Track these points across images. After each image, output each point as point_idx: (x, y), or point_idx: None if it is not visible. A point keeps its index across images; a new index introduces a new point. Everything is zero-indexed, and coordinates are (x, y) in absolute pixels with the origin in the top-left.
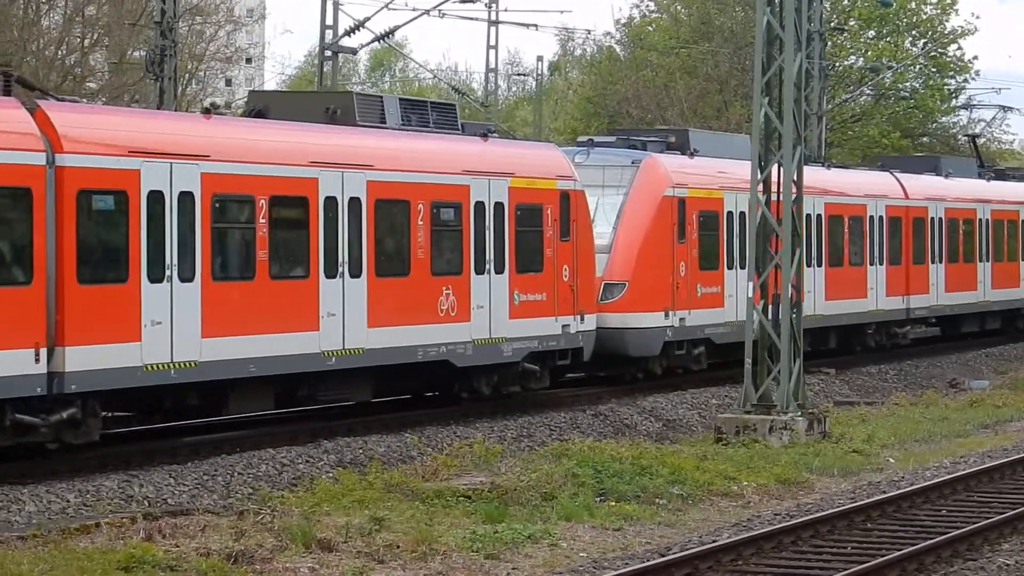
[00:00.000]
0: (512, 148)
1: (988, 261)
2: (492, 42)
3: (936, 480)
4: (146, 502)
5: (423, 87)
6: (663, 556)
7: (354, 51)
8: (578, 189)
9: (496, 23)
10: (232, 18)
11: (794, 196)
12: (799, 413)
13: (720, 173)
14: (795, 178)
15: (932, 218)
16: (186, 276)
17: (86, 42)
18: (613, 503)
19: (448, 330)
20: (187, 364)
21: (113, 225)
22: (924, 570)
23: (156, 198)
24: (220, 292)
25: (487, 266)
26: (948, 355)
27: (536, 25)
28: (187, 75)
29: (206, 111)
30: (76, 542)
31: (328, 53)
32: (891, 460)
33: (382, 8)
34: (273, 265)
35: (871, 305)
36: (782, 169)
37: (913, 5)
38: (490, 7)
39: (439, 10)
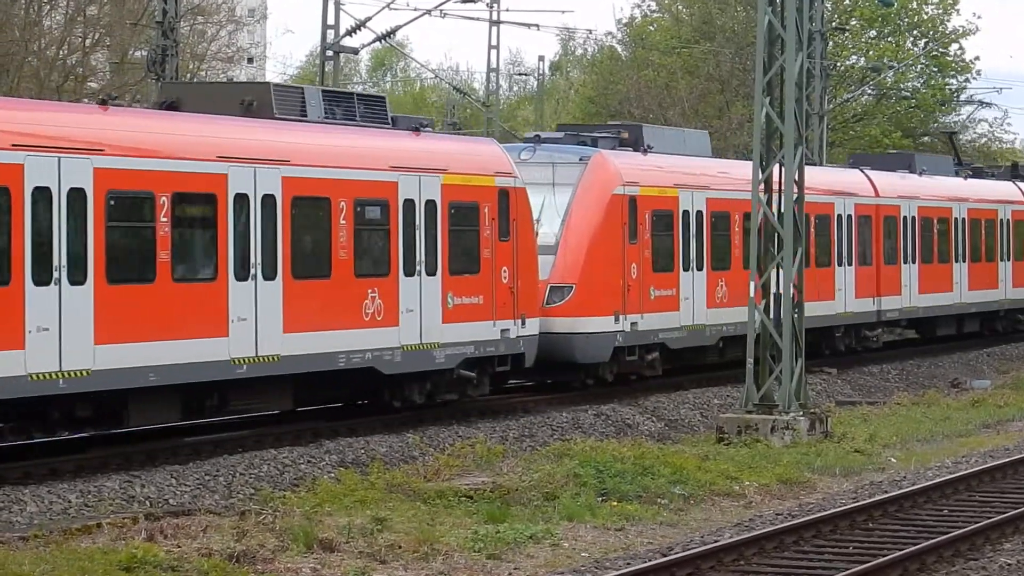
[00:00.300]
0: (446, 143)
1: (964, 262)
2: (494, 42)
3: (938, 480)
4: (148, 502)
5: (424, 87)
6: (665, 556)
7: (355, 51)
8: (519, 187)
9: (498, 23)
10: (234, 18)
11: (796, 196)
12: (801, 413)
13: (675, 170)
14: (796, 178)
15: (904, 217)
16: (77, 279)
17: (87, 42)
18: (615, 503)
19: (374, 335)
20: (78, 373)
21: None
22: (926, 570)
23: (42, 195)
24: (116, 295)
25: (418, 267)
26: (950, 355)
27: (538, 25)
28: (189, 75)
29: (102, 102)
30: (78, 542)
31: (329, 53)
32: (893, 460)
33: (383, 8)
34: (176, 267)
35: (839, 307)
36: (784, 169)
37: (914, 5)
38: (491, 7)
39: (440, 10)
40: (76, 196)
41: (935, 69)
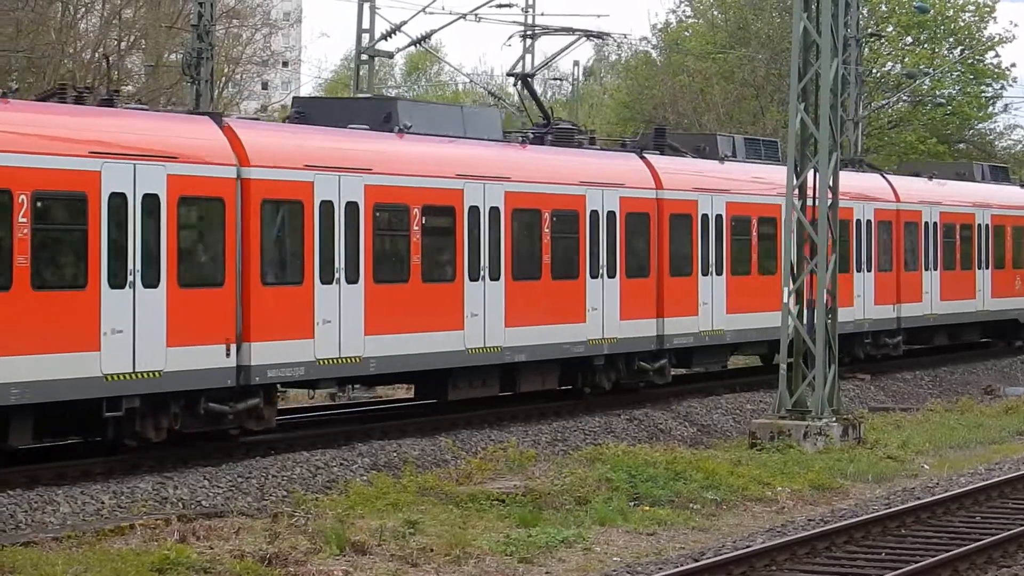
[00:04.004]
0: None
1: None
2: (528, 46)
3: (971, 486)
4: (180, 504)
5: (459, 91)
6: (697, 561)
7: (390, 55)
8: None
9: (532, 27)
10: (269, 21)
11: (830, 201)
12: (834, 419)
13: None
14: (831, 183)
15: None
16: None
17: (123, 45)
18: (647, 508)
19: None
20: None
21: None
22: None
23: None
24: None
25: None
26: (984, 361)
27: (572, 29)
28: (224, 78)
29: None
30: (110, 543)
31: (364, 57)
32: (926, 466)
33: (418, 12)
34: None
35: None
36: (817, 174)
37: (951, 12)
38: (526, 12)
39: (475, 14)
40: None
41: (971, 76)
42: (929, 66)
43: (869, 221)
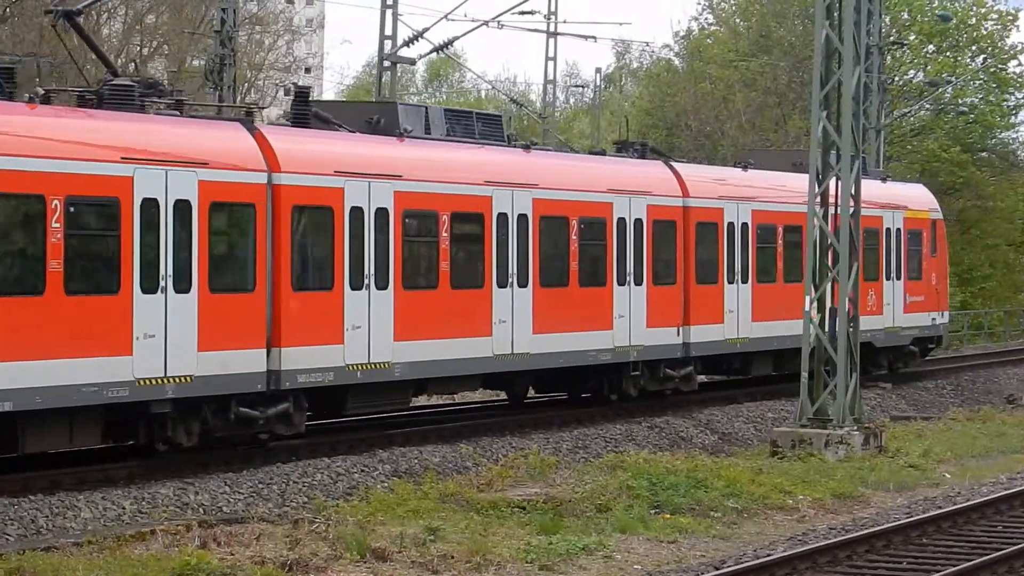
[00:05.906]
0: None
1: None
2: (551, 54)
3: (992, 496)
4: (201, 510)
5: (481, 98)
6: (717, 569)
7: (412, 62)
8: None
9: (555, 35)
10: (291, 28)
11: (852, 209)
12: (855, 427)
13: None
14: (853, 191)
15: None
16: None
17: (145, 51)
18: (668, 516)
19: None
20: None
21: None
22: None
23: None
24: None
25: None
26: (1005, 370)
27: (595, 37)
28: (246, 84)
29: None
30: (131, 549)
31: (387, 63)
32: (947, 475)
33: (441, 19)
34: None
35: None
36: (840, 182)
37: (973, 21)
38: (549, 19)
39: (498, 21)
40: None
41: (994, 85)
42: (951, 74)
43: (638, 221)
